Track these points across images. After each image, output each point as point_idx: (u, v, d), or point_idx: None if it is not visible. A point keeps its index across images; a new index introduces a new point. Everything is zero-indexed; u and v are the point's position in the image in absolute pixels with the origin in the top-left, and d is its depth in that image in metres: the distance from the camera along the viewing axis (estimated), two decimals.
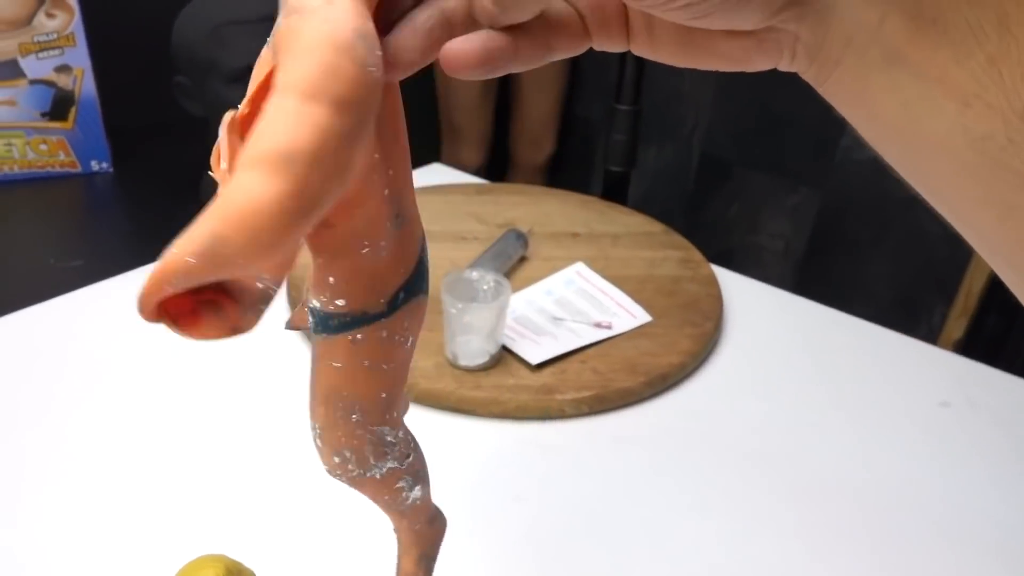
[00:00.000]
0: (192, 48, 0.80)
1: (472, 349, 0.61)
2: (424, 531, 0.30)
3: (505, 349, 0.63)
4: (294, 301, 0.69)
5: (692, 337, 0.67)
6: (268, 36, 0.68)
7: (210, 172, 0.21)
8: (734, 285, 0.78)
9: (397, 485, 0.27)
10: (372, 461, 0.25)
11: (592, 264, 0.76)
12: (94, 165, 0.97)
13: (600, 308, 0.70)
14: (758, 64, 0.26)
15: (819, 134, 1.36)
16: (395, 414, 0.25)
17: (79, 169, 0.96)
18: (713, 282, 0.76)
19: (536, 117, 1.64)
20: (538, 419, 0.60)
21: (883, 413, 0.63)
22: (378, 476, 0.26)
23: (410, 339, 0.24)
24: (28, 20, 0.87)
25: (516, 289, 0.71)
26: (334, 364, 0.24)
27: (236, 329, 0.19)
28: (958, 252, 1.26)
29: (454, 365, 0.62)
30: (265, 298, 0.19)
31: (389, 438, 0.25)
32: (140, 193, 0.95)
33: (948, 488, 0.56)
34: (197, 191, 0.91)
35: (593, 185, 1.73)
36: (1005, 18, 0.22)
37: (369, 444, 0.25)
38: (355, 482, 0.26)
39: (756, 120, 1.44)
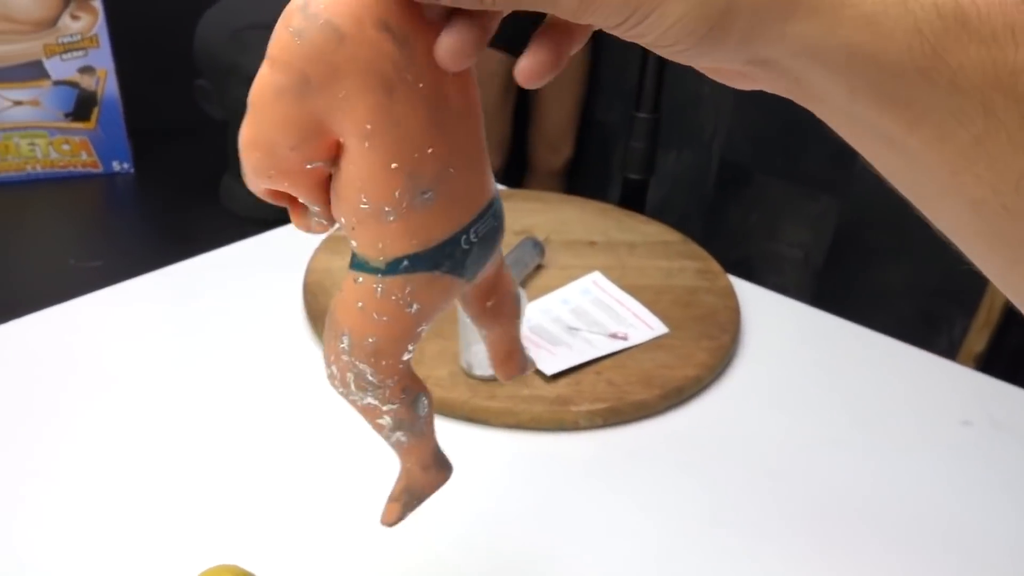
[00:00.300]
0: (213, 51, 0.81)
1: (487, 358, 0.61)
2: (413, 471, 0.32)
3: None
4: None
5: (709, 350, 0.67)
6: None
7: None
8: (752, 297, 0.78)
9: (378, 421, 0.28)
10: (353, 388, 0.27)
11: (608, 273, 0.76)
12: (115, 165, 0.98)
13: (616, 319, 0.69)
14: (745, 87, 0.26)
15: (841, 142, 1.35)
16: (384, 362, 0.26)
17: (100, 169, 0.97)
18: (731, 294, 0.75)
19: (554, 121, 1.64)
20: (552, 431, 0.59)
21: (902, 431, 0.63)
22: (359, 404, 0.28)
23: (414, 306, 0.26)
24: (53, 22, 0.88)
25: (532, 298, 0.71)
26: (342, 292, 0.27)
27: (308, 229, 0.27)
28: None
29: (468, 374, 0.61)
30: (314, 212, 0.26)
31: (371, 378, 0.27)
32: (160, 194, 0.96)
33: (969, 510, 0.55)
34: (217, 193, 0.92)
35: (611, 189, 1.72)
36: (990, 104, 0.21)
37: (351, 373, 0.27)
38: (345, 398, 0.28)
39: (777, 127, 1.43)
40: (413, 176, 0.24)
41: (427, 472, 0.31)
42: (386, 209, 0.24)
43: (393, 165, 0.23)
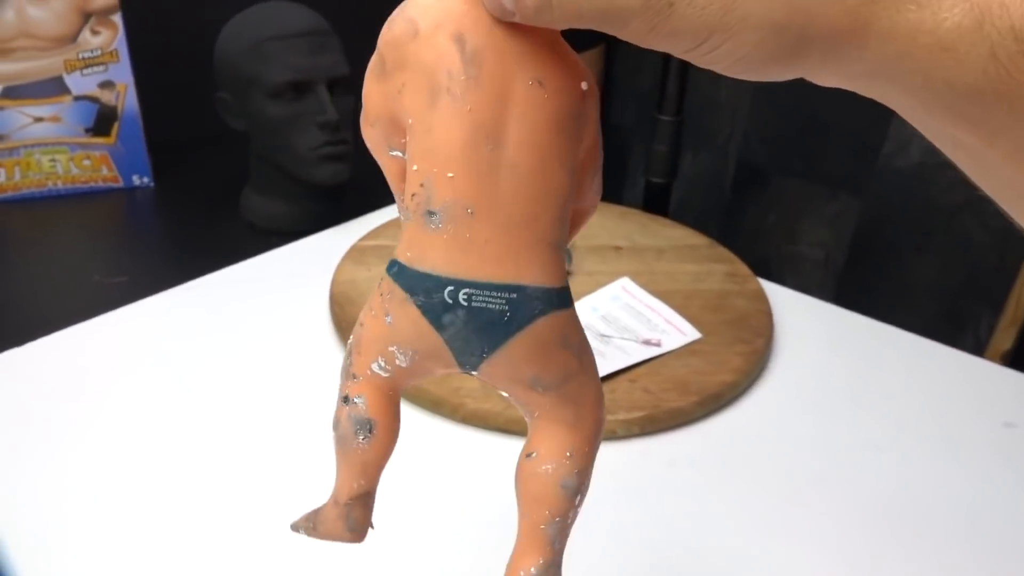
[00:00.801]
0: (234, 64, 0.80)
1: None
2: (330, 497, 0.27)
3: None
4: None
5: (743, 355, 0.66)
6: (310, 52, 0.74)
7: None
8: (782, 299, 0.77)
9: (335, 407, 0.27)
10: (341, 364, 0.27)
11: (637, 278, 0.75)
12: (135, 180, 0.98)
13: (648, 325, 0.68)
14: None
15: (860, 140, 1.33)
16: (358, 355, 0.25)
17: (121, 184, 0.97)
18: (762, 297, 0.74)
19: None
20: None
21: (944, 433, 0.61)
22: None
23: (389, 317, 0.24)
24: (73, 37, 0.88)
25: None
26: None
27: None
28: (1006, 261, 1.23)
29: None
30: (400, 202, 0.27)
31: (346, 361, 0.26)
32: (181, 208, 0.96)
33: (1016, 513, 0.54)
34: (237, 206, 0.92)
35: (626, 193, 1.71)
36: None
37: (343, 362, 0.26)
38: None
39: (794, 126, 1.42)
40: (427, 189, 0.23)
41: (334, 509, 0.27)
42: (406, 208, 0.24)
43: (414, 167, 0.24)
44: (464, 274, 0.23)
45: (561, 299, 0.24)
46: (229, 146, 0.94)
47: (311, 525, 0.28)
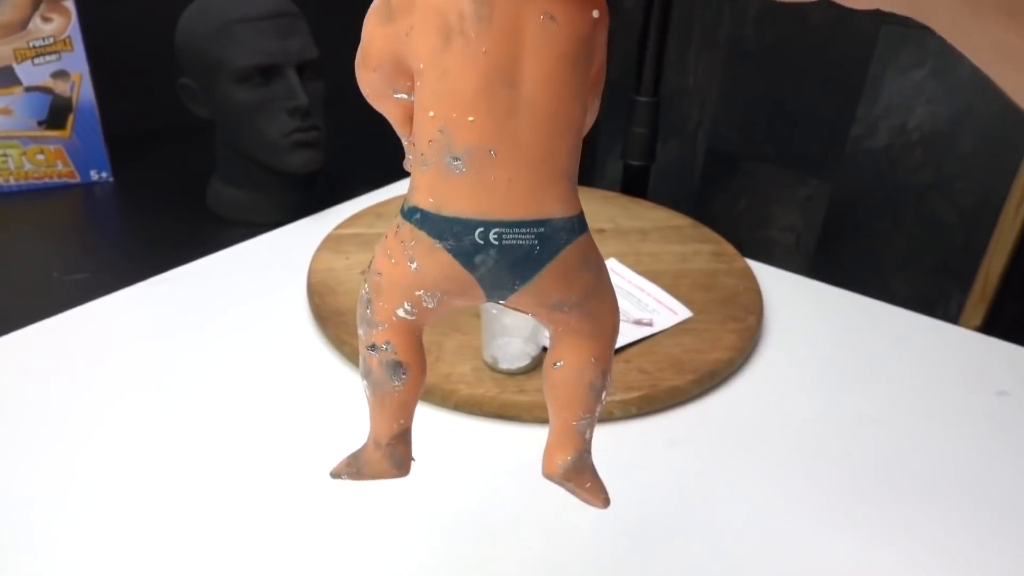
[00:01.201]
0: (199, 47, 0.76)
1: (512, 351, 0.58)
2: (369, 440, 0.28)
3: (546, 351, 0.60)
4: None
5: (736, 332, 0.65)
6: (278, 34, 0.71)
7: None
8: (769, 278, 0.76)
9: (360, 356, 0.27)
10: (358, 313, 0.27)
11: (623, 260, 0.74)
12: (93, 175, 0.93)
13: (639, 305, 0.67)
14: (859, 6, 0.25)
15: (828, 124, 1.34)
16: (380, 303, 0.26)
17: (78, 179, 0.93)
18: (750, 275, 0.73)
19: None
20: None
21: (938, 404, 0.61)
22: (358, 333, 0.27)
23: (415, 263, 0.25)
24: (23, 24, 0.83)
25: None
26: None
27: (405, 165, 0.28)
28: (973, 240, 1.25)
29: (494, 369, 0.59)
30: (406, 145, 0.27)
31: (367, 311, 0.26)
32: (143, 202, 0.92)
33: (1013, 480, 0.54)
34: (203, 197, 0.88)
35: (596, 178, 1.70)
36: None
37: (360, 298, 0.27)
38: None
39: (763, 113, 1.42)
40: (446, 134, 0.23)
41: (376, 451, 0.28)
42: (422, 154, 0.24)
43: (431, 113, 0.23)
44: (493, 214, 0.24)
45: (581, 225, 0.25)
46: (192, 135, 0.90)
47: (355, 470, 0.29)
